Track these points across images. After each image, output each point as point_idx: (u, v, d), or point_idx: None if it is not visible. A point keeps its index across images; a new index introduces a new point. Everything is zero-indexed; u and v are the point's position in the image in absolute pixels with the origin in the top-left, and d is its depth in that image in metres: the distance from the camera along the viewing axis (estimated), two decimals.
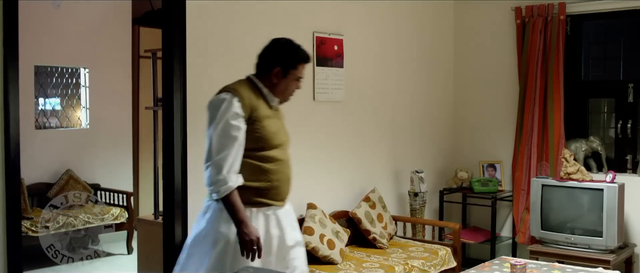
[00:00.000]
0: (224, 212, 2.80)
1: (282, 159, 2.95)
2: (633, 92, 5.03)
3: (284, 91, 2.99)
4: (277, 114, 3.04)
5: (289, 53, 2.96)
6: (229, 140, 2.75)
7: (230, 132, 2.76)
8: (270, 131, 2.90)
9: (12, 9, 3.14)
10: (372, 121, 5.00)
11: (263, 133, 2.86)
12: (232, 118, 2.77)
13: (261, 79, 2.97)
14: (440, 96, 5.70)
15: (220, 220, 2.82)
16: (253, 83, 2.96)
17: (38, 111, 6.32)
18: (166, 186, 3.69)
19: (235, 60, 3.94)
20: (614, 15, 5.11)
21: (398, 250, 4.46)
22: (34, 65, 6.11)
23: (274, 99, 2.98)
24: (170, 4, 3.63)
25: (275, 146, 2.91)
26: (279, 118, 3.05)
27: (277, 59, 2.94)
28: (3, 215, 3.14)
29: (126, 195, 6.12)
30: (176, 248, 3.65)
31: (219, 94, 2.87)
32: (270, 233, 2.89)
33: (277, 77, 2.94)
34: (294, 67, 2.96)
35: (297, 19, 4.34)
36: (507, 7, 5.38)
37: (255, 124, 2.84)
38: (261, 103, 2.91)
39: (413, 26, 5.36)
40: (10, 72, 3.14)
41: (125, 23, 6.55)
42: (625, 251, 4.74)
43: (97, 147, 6.51)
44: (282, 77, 2.95)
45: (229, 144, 2.74)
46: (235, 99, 2.80)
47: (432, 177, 5.51)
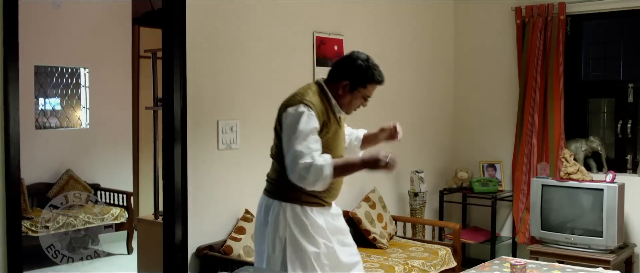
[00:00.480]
0: (287, 212, 2.83)
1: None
2: (633, 92, 5.03)
3: (347, 104, 2.98)
4: (341, 123, 3.05)
5: (361, 70, 2.92)
6: (308, 150, 2.75)
7: (310, 145, 2.75)
8: (334, 143, 2.93)
9: (12, 9, 3.14)
10: (372, 121, 4.98)
11: (327, 143, 2.86)
12: (312, 132, 2.77)
13: (330, 87, 2.95)
14: (440, 96, 5.69)
15: (284, 221, 2.85)
16: (323, 90, 2.94)
17: (38, 111, 6.32)
18: (166, 186, 3.68)
19: (236, 60, 3.95)
20: (614, 15, 5.11)
21: (398, 250, 4.46)
22: (34, 65, 6.11)
23: (340, 110, 2.98)
24: (170, 4, 3.63)
25: (335, 156, 2.89)
26: (341, 127, 3.07)
27: (349, 72, 2.91)
28: (3, 215, 3.14)
29: (126, 195, 6.12)
30: (176, 248, 3.65)
31: (296, 105, 2.81)
32: (334, 224, 2.97)
33: (343, 89, 2.92)
34: (363, 86, 2.94)
35: (297, 19, 4.35)
36: (507, 7, 5.38)
37: (321, 134, 2.84)
38: (330, 114, 2.92)
39: (413, 26, 5.36)
40: (10, 72, 3.14)
41: (125, 23, 6.55)
42: (625, 251, 4.74)
43: (97, 147, 6.51)
44: (349, 92, 2.93)
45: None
46: (313, 113, 2.79)
47: (432, 177, 5.51)
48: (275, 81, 4.20)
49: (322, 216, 2.93)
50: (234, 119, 3.93)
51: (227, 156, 3.90)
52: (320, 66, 4.50)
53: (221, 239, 3.82)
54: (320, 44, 4.51)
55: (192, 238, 3.71)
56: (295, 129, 2.75)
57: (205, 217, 3.79)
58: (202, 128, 3.77)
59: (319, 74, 4.51)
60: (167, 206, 3.67)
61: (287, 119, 2.81)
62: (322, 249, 2.84)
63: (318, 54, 4.49)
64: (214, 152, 3.83)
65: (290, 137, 2.76)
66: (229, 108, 3.91)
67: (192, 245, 3.71)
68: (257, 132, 4.02)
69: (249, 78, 4.02)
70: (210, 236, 3.80)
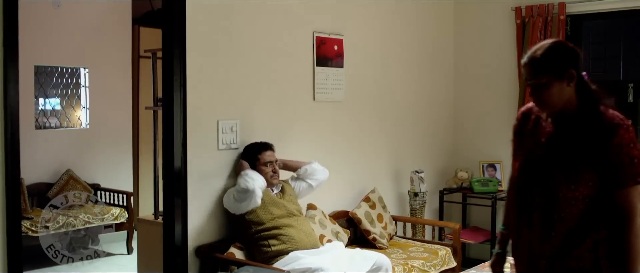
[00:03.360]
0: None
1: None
2: (633, 92, 5.03)
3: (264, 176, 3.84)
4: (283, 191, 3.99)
5: (248, 149, 3.91)
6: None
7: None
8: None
9: (12, 9, 3.14)
10: (372, 121, 5.00)
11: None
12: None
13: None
14: (440, 96, 5.69)
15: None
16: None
17: (38, 111, 6.32)
18: (166, 186, 3.69)
19: (236, 60, 3.95)
20: (614, 15, 5.11)
21: (398, 250, 4.46)
22: (34, 65, 6.11)
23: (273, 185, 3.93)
24: (170, 4, 3.63)
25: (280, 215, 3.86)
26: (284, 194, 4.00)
27: (245, 157, 3.95)
28: (3, 215, 3.14)
29: (126, 195, 6.12)
30: (176, 248, 3.65)
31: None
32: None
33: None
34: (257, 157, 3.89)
35: (297, 19, 4.35)
36: (507, 7, 5.38)
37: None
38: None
39: (413, 26, 5.36)
40: (10, 72, 3.14)
41: (125, 23, 6.55)
42: None
43: (97, 147, 6.51)
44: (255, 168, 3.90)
45: None
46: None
47: (432, 177, 5.51)
48: (275, 81, 4.20)
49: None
50: (234, 119, 3.93)
51: (227, 156, 3.90)
52: (320, 66, 4.50)
53: (221, 239, 3.82)
54: (320, 44, 4.51)
55: (192, 238, 3.71)
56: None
57: (205, 217, 3.79)
58: (202, 128, 3.77)
59: (318, 74, 4.51)
60: (167, 206, 3.67)
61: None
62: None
63: (318, 54, 4.49)
64: (214, 152, 3.83)
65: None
66: (229, 108, 3.92)
67: (192, 245, 3.71)
68: (257, 132, 4.02)
69: (249, 78, 4.02)
70: (210, 236, 3.80)
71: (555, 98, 2.20)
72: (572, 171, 2.17)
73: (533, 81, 2.23)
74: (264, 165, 3.81)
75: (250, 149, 3.87)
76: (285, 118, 4.28)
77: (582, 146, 2.17)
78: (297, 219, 3.84)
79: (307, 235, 3.80)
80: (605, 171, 2.14)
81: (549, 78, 2.18)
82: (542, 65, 2.20)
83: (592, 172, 2.16)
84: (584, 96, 2.23)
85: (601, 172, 2.15)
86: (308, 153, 4.40)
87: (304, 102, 4.42)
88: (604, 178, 2.15)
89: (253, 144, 3.89)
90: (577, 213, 2.17)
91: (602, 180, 2.16)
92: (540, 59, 2.20)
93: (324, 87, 4.55)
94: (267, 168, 3.81)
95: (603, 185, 2.16)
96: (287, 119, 4.31)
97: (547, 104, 2.24)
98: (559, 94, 2.20)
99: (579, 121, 2.21)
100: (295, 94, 4.37)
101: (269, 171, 3.82)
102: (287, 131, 4.29)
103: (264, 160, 3.82)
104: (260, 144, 3.89)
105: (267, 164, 3.82)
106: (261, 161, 3.82)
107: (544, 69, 2.19)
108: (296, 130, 4.38)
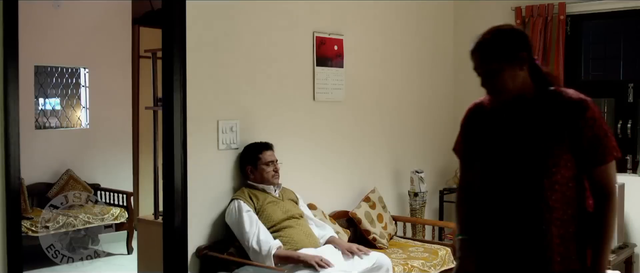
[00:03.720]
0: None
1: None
2: (633, 92, 5.03)
3: (265, 177, 3.87)
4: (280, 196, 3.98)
5: (247, 150, 3.89)
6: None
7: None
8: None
9: (12, 9, 3.14)
10: (372, 121, 5.00)
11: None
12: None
13: (247, 178, 3.94)
14: (440, 96, 5.69)
15: None
16: (248, 185, 3.91)
17: (38, 111, 6.33)
18: (166, 186, 3.68)
19: (236, 60, 3.95)
20: (614, 15, 5.11)
21: (398, 250, 4.46)
22: (34, 65, 6.11)
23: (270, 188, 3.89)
24: (170, 4, 3.63)
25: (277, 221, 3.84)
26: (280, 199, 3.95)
27: (243, 160, 3.93)
28: (3, 215, 3.14)
29: (126, 195, 6.12)
30: (176, 249, 3.65)
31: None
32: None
33: (252, 172, 3.90)
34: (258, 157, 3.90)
35: (297, 19, 4.34)
36: (507, 7, 5.38)
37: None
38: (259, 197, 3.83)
39: (413, 26, 5.36)
40: (10, 72, 3.14)
41: (125, 23, 6.55)
42: (625, 251, 4.73)
43: (97, 147, 6.51)
44: (256, 170, 3.88)
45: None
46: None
47: (432, 177, 5.51)
48: (276, 81, 4.20)
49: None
50: (234, 119, 3.93)
51: (227, 156, 3.90)
52: (320, 66, 4.50)
53: (221, 239, 3.82)
54: (320, 44, 4.51)
55: (192, 238, 3.71)
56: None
57: (205, 217, 3.79)
58: (202, 128, 3.77)
59: (318, 74, 4.51)
60: (167, 206, 3.67)
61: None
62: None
63: (318, 54, 4.49)
64: (214, 152, 3.83)
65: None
66: (229, 108, 3.92)
67: (192, 245, 3.71)
68: (257, 132, 4.02)
69: (249, 78, 4.02)
70: (211, 236, 3.80)
71: (509, 84, 2.12)
72: (549, 154, 2.08)
73: (483, 68, 2.15)
74: (265, 165, 3.83)
75: (251, 149, 3.89)
76: (285, 118, 4.28)
77: (553, 126, 2.09)
78: (297, 221, 3.84)
79: (307, 236, 3.80)
80: (581, 148, 2.07)
81: (499, 63, 2.10)
82: (491, 50, 2.12)
83: (568, 152, 2.08)
84: (539, 77, 2.15)
85: (577, 151, 2.07)
86: (308, 153, 4.41)
87: (304, 102, 4.42)
88: (581, 156, 2.08)
89: (253, 144, 3.91)
90: (561, 199, 2.09)
91: (578, 159, 2.08)
92: (489, 45, 2.13)
93: (324, 87, 4.55)
94: (268, 168, 3.83)
95: (579, 164, 2.09)
96: (287, 119, 4.31)
97: (500, 91, 2.15)
98: (512, 79, 2.11)
99: (542, 103, 2.13)
100: (295, 94, 4.36)
101: (270, 170, 3.84)
102: (287, 131, 4.29)
103: (265, 160, 3.84)
104: (260, 144, 3.90)
105: (268, 164, 3.84)
106: (262, 161, 3.83)
107: (494, 55, 2.11)
108: (296, 130, 4.37)
